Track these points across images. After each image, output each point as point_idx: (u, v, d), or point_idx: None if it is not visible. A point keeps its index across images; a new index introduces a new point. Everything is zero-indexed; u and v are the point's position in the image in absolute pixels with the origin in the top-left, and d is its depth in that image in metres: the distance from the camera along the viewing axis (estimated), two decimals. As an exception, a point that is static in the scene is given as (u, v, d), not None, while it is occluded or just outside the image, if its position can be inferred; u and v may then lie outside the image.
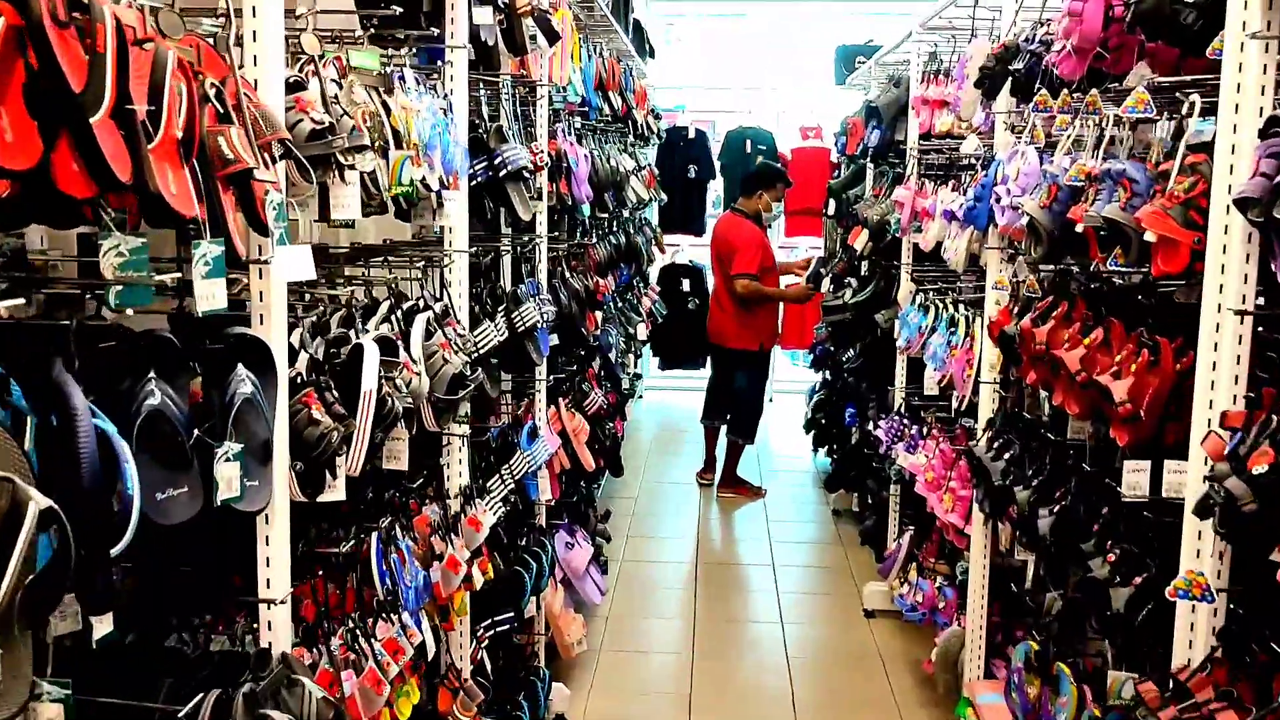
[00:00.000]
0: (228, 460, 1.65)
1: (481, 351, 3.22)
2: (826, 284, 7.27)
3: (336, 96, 2.03)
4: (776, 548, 6.15)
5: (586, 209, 4.86)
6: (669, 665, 4.77)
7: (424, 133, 2.38)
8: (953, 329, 4.10)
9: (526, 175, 3.29)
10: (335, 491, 2.07)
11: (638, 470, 7.50)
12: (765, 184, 6.97)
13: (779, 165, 9.27)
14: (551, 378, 4.49)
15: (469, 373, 2.72)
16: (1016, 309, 3.35)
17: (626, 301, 7.04)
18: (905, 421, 5.00)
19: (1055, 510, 2.79)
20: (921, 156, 4.89)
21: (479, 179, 3.16)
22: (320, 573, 2.30)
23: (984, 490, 3.38)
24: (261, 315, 1.82)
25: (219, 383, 1.69)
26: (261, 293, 1.81)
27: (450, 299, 3.00)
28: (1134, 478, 2.36)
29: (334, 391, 2.05)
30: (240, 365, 1.71)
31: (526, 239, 4.19)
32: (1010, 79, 3.30)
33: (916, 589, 4.53)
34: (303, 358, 2.02)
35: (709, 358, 7.43)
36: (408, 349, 2.54)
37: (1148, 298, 2.68)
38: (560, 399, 4.70)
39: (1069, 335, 2.75)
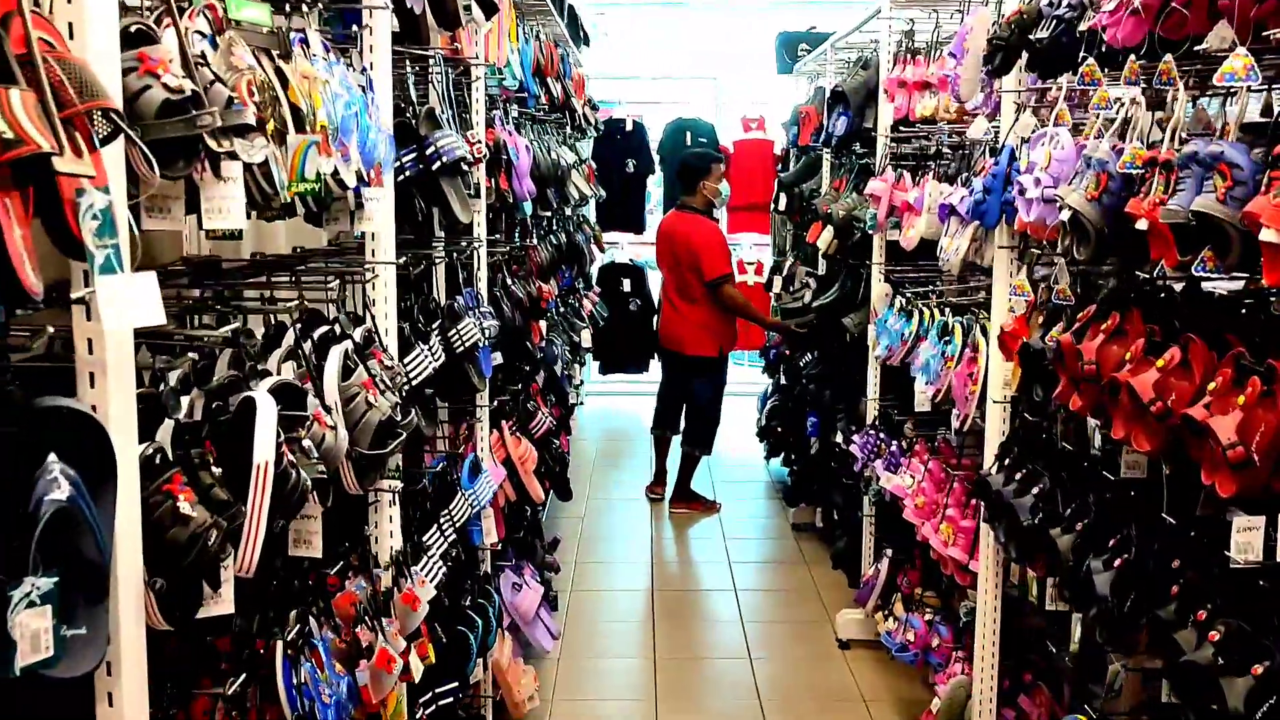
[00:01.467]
0: (31, 606, 1.06)
1: (415, 383, 2.63)
2: (778, 284, 6.78)
3: (205, 56, 1.43)
4: (737, 570, 5.62)
5: (529, 207, 4.28)
6: (630, 713, 4.22)
7: (335, 113, 1.79)
8: (946, 338, 3.60)
9: (465, 169, 2.70)
10: (219, 605, 1.48)
11: (584, 486, 6.93)
12: (702, 173, 6.36)
13: (708, 148, 8.77)
14: (495, 401, 3.90)
15: (400, 416, 2.13)
16: (1041, 319, 2.86)
17: (569, 306, 6.46)
18: (883, 436, 4.50)
19: (1116, 564, 2.29)
20: (899, 145, 4.39)
21: (408, 173, 2.56)
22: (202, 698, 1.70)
23: (1006, 530, 2.87)
24: (92, 374, 1.22)
25: (17, 485, 1.09)
26: (90, 341, 1.21)
27: (375, 322, 2.40)
28: (1246, 537, 1.86)
29: (213, 470, 1.45)
30: (52, 456, 1.11)
31: (464, 243, 3.59)
32: (1028, 50, 2.79)
33: (906, 625, 4.03)
34: (166, 426, 1.42)
35: (662, 363, 6.84)
36: (320, 394, 1.95)
37: (1241, 310, 2.19)
38: (504, 422, 4.11)
39: (1131, 355, 2.24)
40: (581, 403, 9.03)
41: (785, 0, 9.71)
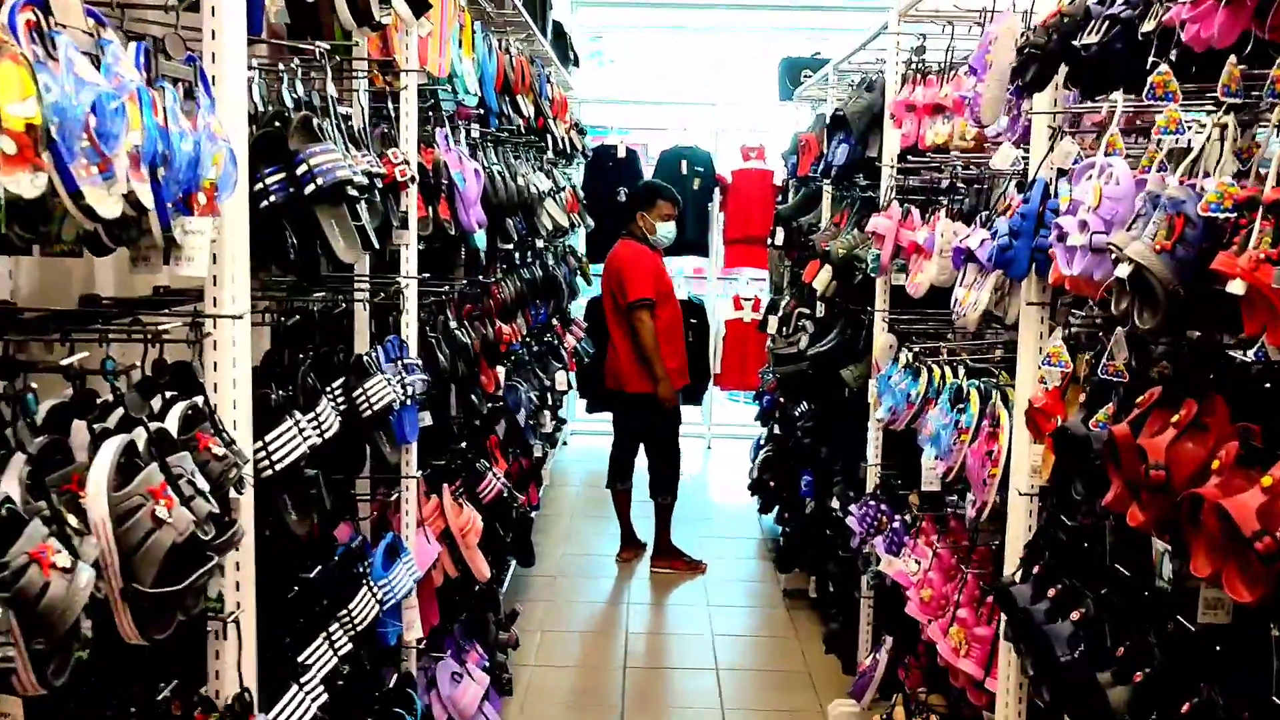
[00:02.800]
0: None
1: (279, 467, 2.02)
2: (774, 324, 6.18)
3: None
4: (720, 645, 4.99)
5: (480, 238, 3.69)
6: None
7: (74, 106, 1.20)
8: (960, 405, 2.99)
9: (354, 194, 2.10)
10: None
11: (558, 539, 6.31)
12: (642, 202, 5.87)
13: (705, 177, 8.21)
14: (428, 466, 3.30)
15: (213, 532, 1.52)
16: (1082, 396, 2.25)
17: (544, 345, 5.86)
18: (884, 509, 3.88)
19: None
20: (905, 177, 3.80)
21: (273, 198, 1.97)
22: None
23: (1036, 662, 2.25)
24: None
25: None
26: None
27: (212, 391, 1.80)
28: None
29: None
30: None
31: (390, 282, 3.00)
32: (1068, 61, 2.20)
33: (908, 738, 3.40)
34: None
35: (611, 411, 6.14)
36: (77, 507, 1.35)
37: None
38: (446, 487, 3.50)
39: (1219, 463, 1.63)
40: (565, 442, 8.45)
41: (788, 26, 9.17)
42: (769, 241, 6.95)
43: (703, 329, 8.09)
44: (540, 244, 5.49)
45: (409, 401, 2.82)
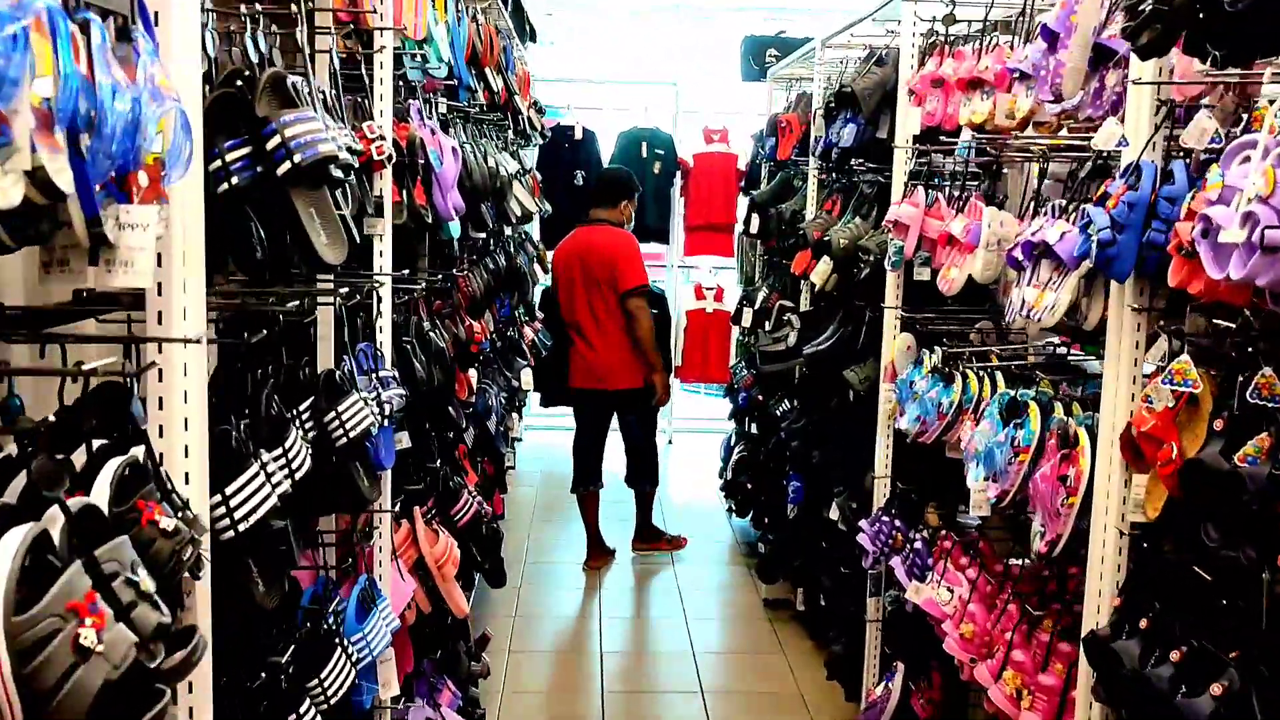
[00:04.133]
0: None
1: (243, 527, 1.56)
2: (748, 316, 5.79)
3: None
4: (704, 664, 4.59)
5: (455, 227, 3.22)
6: None
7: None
8: (1017, 420, 2.60)
9: (336, 175, 1.63)
10: None
11: (520, 546, 5.85)
12: (630, 191, 5.62)
13: (666, 160, 7.82)
14: (403, 493, 2.84)
15: (159, 655, 1.06)
16: (1221, 424, 1.87)
17: (508, 340, 5.40)
18: (899, 525, 3.50)
19: None
20: (936, 161, 3.41)
21: (235, 180, 1.50)
22: None
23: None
24: None
25: None
26: None
27: (157, 436, 1.33)
28: None
29: None
30: None
31: (364, 280, 2.52)
32: (1202, 20, 1.81)
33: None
34: None
35: (577, 410, 5.73)
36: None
37: None
38: (417, 510, 3.04)
39: None
40: (520, 438, 7.99)
41: (750, 5, 8.75)
42: (739, 229, 6.56)
43: (664, 319, 7.67)
44: (508, 231, 5.01)
45: (386, 422, 2.35)
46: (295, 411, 2.05)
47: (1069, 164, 2.76)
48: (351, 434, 2.08)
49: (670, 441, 8.02)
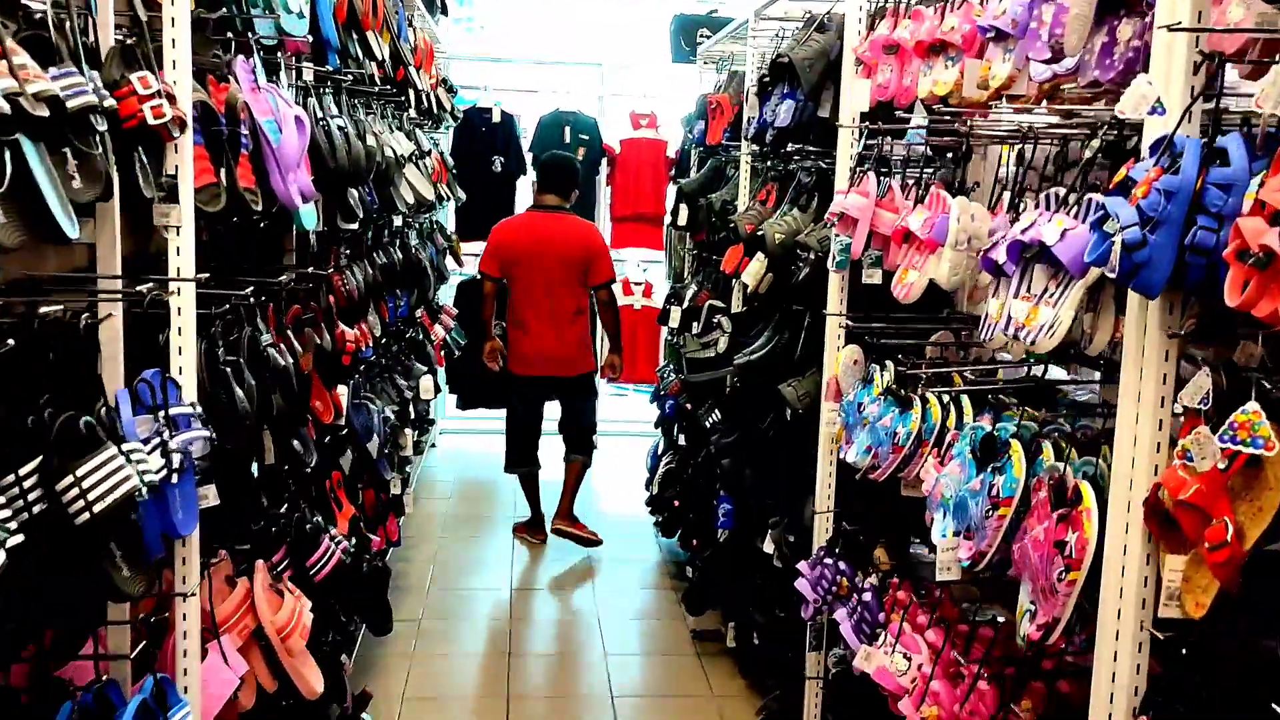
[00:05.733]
0: None
1: None
2: (676, 315, 5.23)
3: None
4: (622, 709, 4.02)
5: (310, 214, 2.59)
6: None
7: None
8: (995, 463, 2.06)
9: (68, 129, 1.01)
10: None
11: (424, 569, 5.22)
12: (578, 179, 5.54)
13: (591, 145, 7.27)
14: (218, 552, 2.21)
15: None
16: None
17: (406, 344, 4.77)
18: (843, 569, 2.96)
19: None
20: (888, 143, 2.85)
21: None
22: None
23: None
24: None
25: None
26: None
27: None
28: None
29: None
30: None
31: (149, 287, 1.89)
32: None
33: None
34: None
35: (523, 394, 5.53)
36: None
37: None
38: (259, 566, 2.41)
39: None
40: (434, 445, 7.36)
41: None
42: (668, 220, 5.99)
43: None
44: (399, 221, 4.36)
45: (174, 478, 1.73)
46: (16, 476, 1.43)
47: (1052, 145, 2.22)
48: (97, 507, 1.46)
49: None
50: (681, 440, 5.15)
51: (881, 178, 2.71)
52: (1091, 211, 1.64)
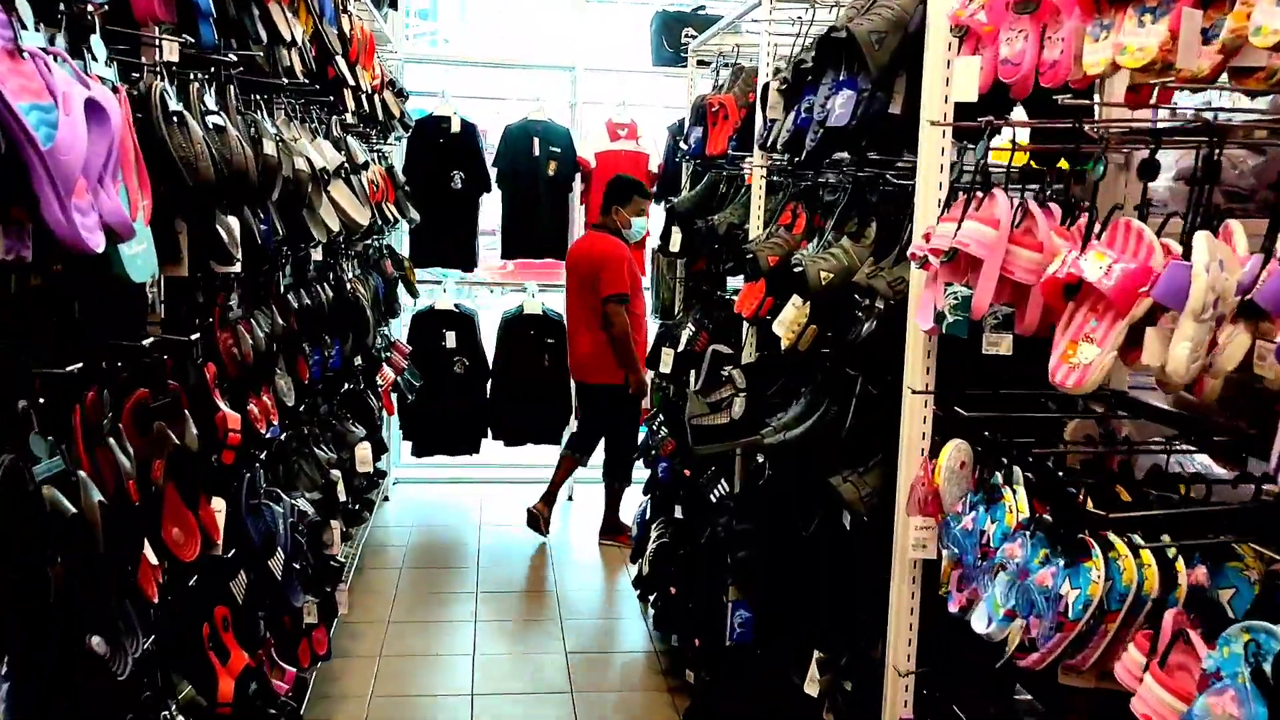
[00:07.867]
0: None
1: None
2: (668, 360, 4.32)
3: None
4: None
5: (136, 260, 1.62)
6: None
7: None
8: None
9: None
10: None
11: (369, 668, 4.21)
12: (617, 199, 5.42)
13: (563, 159, 6.35)
14: None
15: None
16: None
17: (340, 399, 3.78)
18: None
19: None
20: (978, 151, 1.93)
21: None
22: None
23: None
24: None
25: None
26: None
27: None
28: None
29: None
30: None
31: None
32: None
33: None
34: None
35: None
36: None
37: None
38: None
39: None
40: (387, 498, 6.36)
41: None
42: (656, 245, 5.06)
43: (560, 350, 6.13)
44: (319, 255, 3.37)
45: None
46: None
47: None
48: None
49: (570, 498, 6.45)
50: (678, 511, 4.19)
51: (1011, 199, 1.78)
52: None
